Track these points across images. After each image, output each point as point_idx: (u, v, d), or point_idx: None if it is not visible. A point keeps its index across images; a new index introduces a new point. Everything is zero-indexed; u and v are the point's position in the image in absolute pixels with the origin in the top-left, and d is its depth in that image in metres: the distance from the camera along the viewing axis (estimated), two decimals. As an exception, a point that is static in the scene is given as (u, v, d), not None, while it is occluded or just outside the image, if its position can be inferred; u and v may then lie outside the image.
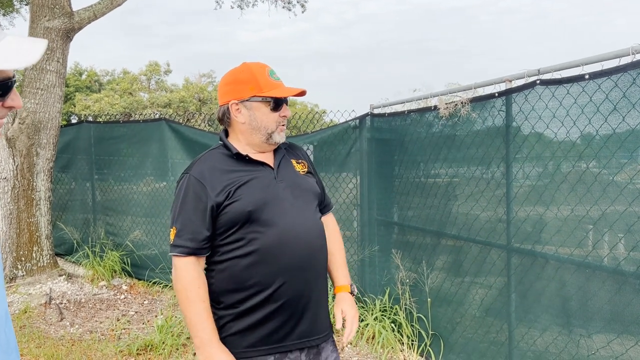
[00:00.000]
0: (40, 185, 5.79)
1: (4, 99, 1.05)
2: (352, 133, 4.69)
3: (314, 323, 1.81)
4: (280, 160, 1.87)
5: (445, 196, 3.66)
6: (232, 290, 1.76)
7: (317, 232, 1.83)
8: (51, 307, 5.09)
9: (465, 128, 3.44)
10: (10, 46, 1.02)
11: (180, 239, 1.75)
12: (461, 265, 3.52)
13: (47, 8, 5.65)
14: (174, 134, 5.75)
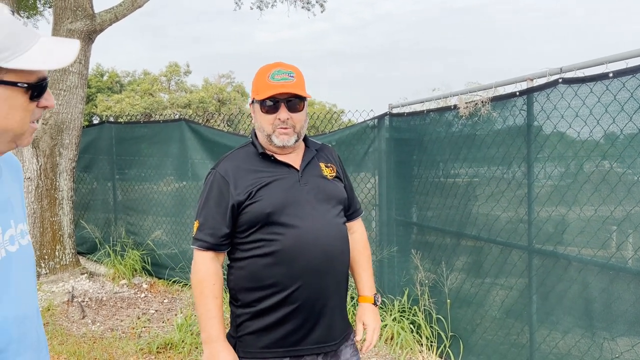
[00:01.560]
0: (63, 185, 5.89)
1: (39, 99, 1.07)
2: (370, 133, 4.68)
3: (330, 329, 1.79)
4: (308, 162, 1.86)
5: (465, 196, 3.63)
6: (249, 288, 1.77)
7: (338, 237, 1.81)
8: (73, 305, 5.17)
9: (486, 127, 3.41)
10: (45, 47, 1.05)
11: (201, 233, 1.79)
12: (481, 266, 3.49)
13: (69, 10, 5.75)
14: (193, 134, 5.80)
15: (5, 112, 1.03)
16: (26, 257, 1.19)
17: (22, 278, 1.15)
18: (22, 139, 1.09)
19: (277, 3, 10.89)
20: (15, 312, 1.10)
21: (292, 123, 1.78)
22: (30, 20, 14.03)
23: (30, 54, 1.03)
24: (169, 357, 4.01)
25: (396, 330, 3.97)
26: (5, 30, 0.99)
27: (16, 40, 1.01)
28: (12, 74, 1.02)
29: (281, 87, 1.74)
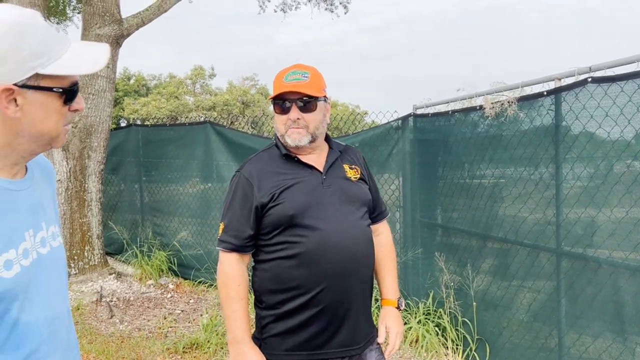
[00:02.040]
0: (92, 187, 6.01)
1: (71, 103, 1.10)
2: (394, 134, 4.65)
3: (354, 332, 1.78)
4: (332, 164, 1.86)
5: (492, 198, 3.58)
6: (273, 290, 1.78)
7: (362, 239, 1.80)
8: (102, 305, 5.26)
9: (512, 128, 3.36)
10: (76, 52, 1.08)
11: (226, 235, 1.81)
12: (508, 268, 3.43)
13: (98, 16, 5.86)
14: (218, 137, 5.86)
15: (42, 116, 1.07)
16: (57, 258, 1.22)
17: (53, 279, 1.18)
18: (57, 141, 1.13)
19: (300, 5, 10.94)
20: (46, 313, 1.13)
21: (304, 123, 1.77)
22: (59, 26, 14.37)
23: (64, 59, 1.06)
24: (195, 357, 4.05)
25: (421, 332, 3.93)
26: (40, 36, 1.03)
27: (51, 47, 1.04)
28: (47, 79, 1.05)
29: (292, 87, 1.75)
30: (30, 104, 1.04)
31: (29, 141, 1.08)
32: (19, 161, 1.11)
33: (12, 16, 1.01)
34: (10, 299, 1.04)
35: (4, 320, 1.04)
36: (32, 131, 1.06)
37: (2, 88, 0.99)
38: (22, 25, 1.01)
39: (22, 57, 1.00)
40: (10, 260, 1.04)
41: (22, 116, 1.04)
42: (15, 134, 1.05)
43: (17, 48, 0.99)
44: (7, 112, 1.02)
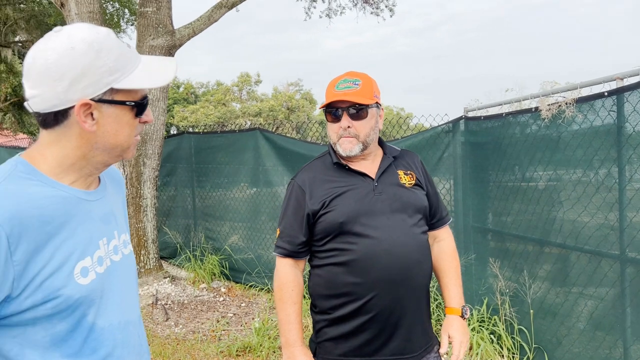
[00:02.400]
0: (147, 193, 6.21)
1: (141, 116, 1.15)
2: (444, 137, 4.58)
3: (408, 340, 1.77)
4: (384, 170, 1.85)
5: (549, 202, 3.47)
6: (326, 296, 1.81)
7: (414, 247, 1.77)
8: (157, 308, 5.42)
9: (571, 130, 3.25)
10: (147, 67, 1.13)
11: (281, 241, 1.87)
12: (567, 275, 3.32)
13: (152, 28, 6.07)
14: (267, 143, 5.94)
15: (116, 129, 1.11)
16: (128, 265, 1.27)
17: (125, 285, 1.23)
18: (128, 152, 1.17)
19: (345, 10, 10.97)
20: (119, 318, 1.18)
21: (354, 132, 1.77)
22: (114, 38, 14.92)
23: (136, 74, 1.11)
24: (248, 360, 4.11)
25: (475, 340, 3.85)
26: (115, 53, 1.08)
27: (124, 62, 1.09)
28: (121, 93, 1.10)
29: (343, 95, 1.75)
30: (105, 117, 1.09)
31: (102, 153, 1.12)
32: (92, 172, 1.16)
33: (90, 35, 1.06)
34: (87, 305, 1.09)
35: (81, 325, 1.09)
36: (106, 143, 1.11)
37: (80, 103, 1.04)
38: (99, 44, 1.06)
39: (100, 73, 1.05)
40: (86, 268, 1.09)
41: (97, 129, 1.08)
42: (90, 147, 1.10)
43: (95, 65, 1.04)
44: (84, 125, 1.06)
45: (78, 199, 1.12)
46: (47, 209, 1.04)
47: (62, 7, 5.91)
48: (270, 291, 5.69)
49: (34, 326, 1.02)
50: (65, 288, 1.04)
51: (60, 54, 1.02)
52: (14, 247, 0.97)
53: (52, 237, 1.03)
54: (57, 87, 1.03)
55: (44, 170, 1.08)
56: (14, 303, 0.99)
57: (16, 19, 13.43)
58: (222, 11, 6.48)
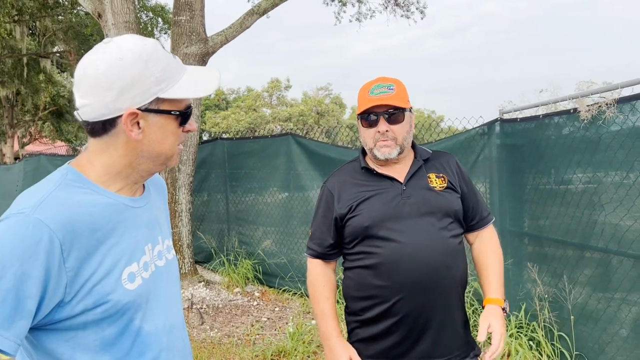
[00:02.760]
0: (182, 198, 6.31)
1: (185, 125, 1.17)
2: (479, 140, 4.52)
3: (436, 344, 1.76)
4: (413, 174, 1.85)
5: (590, 205, 3.38)
6: (356, 297, 1.85)
7: (442, 251, 1.75)
8: (193, 312, 5.49)
9: (612, 131, 3.16)
10: (191, 77, 1.15)
11: (311, 242, 1.96)
12: (610, 280, 3.23)
13: (185, 36, 6.18)
14: (299, 147, 5.98)
15: (160, 137, 1.14)
16: (172, 270, 1.30)
17: (169, 290, 1.25)
18: (172, 160, 1.20)
19: (375, 14, 10.97)
20: (164, 322, 1.20)
21: (392, 135, 1.79)
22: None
23: (181, 84, 1.13)
24: (283, 364, 4.13)
25: (514, 347, 3.77)
26: (162, 64, 1.10)
27: (170, 73, 1.12)
28: (166, 103, 1.12)
29: (379, 100, 1.77)
30: (150, 126, 1.11)
31: (147, 161, 1.15)
32: (138, 180, 1.19)
33: (139, 46, 1.09)
34: (134, 310, 1.11)
35: (129, 329, 1.11)
36: (151, 152, 1.14)
37: (128, 112, 1.07)
38: (148, 54, 1.08)
39: (147, 83, 1.08)
40: (133, 273, 1.12)
41: (143, 138, 1.11)
42: (136, 155, 1.13)
43: (143, 75, 1.07)
44: (131, 134, 1.09)
45: (125, 206, 1.14)
46: (96, 216, 1.07)
47: (99, 17, 6.08)
48: (304, 296, 5.71)
49: (85, 330, 1.05)
50: (113, 293, 1.06)
51: (110, 65, 1.05)
52: (67, 254, 1.00)
53: (101, 243, 1.06)
54: (107, 96, 1.05)
55: (92, 178, 1.12)
56: (67, 308, 1.02)
57: (54, 30, 13.89)
58: (254, 18, 6.56)
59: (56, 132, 23.18)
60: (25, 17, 13.05)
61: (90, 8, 6.17)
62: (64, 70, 18.52)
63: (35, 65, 15.76)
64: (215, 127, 26.99)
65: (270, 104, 31.27)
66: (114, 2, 5.86)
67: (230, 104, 32.57)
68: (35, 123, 22.83)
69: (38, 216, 0.99)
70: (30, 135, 25.30)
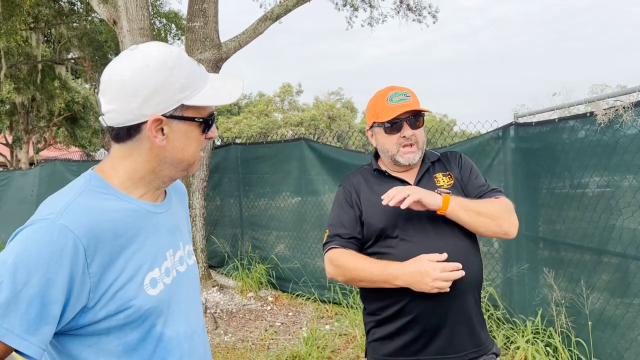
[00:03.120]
0: (196, 203, 6.35)
1: (207, 132, 1.18)
2: (494, 144, 4.50)
3: (450, 341, 1.78)
4: (422, 176, 1.90)
5: (607, 210, 3.35)
6: (372, 298, 1.87)
7: (452, 252, 1.74)
8: (207, 316, 5.51)
9: (629, 134, 3.13)
10: (214, 85, 1.16)
11: (336, 237, 1.89)
12: (629, 286, 3.19)
13: (199, 42, 6.23)
14: (312, 152, 5.99)
15: (183, 144, 1.14)
16: (193, 275, 1.30)
17: (190, 296, 1.25)
18: (193, 167, 1.20)
19: (387, 18, 10.97)
20: (186, 327, 1.20)
21: (415, 139, 1.85)
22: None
23: (205, 91, 1.14)
24: (297, 369, 4.12)
25: (530, 352, 3.74)
26: (186, 71, 1.11)
27: (194, 80, 1.12)
28: (190, 110, 1.13)
29: (402, 107, 1.82)
30: (174, 132, 1.12)
31: (170, 167, 1.16)
32: (160, 186, 1.20)
33: (164, 53, 1.10)
34: (156, 315, 1.12)
35: (151, 334, 1.12)
36: (174, 158, 1.14)
37: (153, 118, 1.08)
38: (172, 61, 1.09)
39: (172, 90, 1.09)
40: (155, 279, 1.12)
41: (166, 144, 1.12)
42: (159, 161, 1.13)
43: (168, 82, 1.08)
44: (155, 140, 1.10)
45: (147, 212, 1.15)
46: (120, 222, 1.08)
47: (114, 24, 6.15)
48: (317, 301, 5.70)
49: (108, 335, 1.06)
50: (136, 299, 1.07)
51: (135, 71, 1.07)
52: (90, 260, 1.01)
53: (124, 249, 1.07)
54: (132, 102, 1.07)
55: (116, 184, 1.12)
56: (90, 313, 1.03)
57: (69, 37, 14.06)
58: (267, 23, 6.60)
59: (70, 137, 23.44)
60: (40, 25, 13.23)
61: (105, 15, 6.24)
62: (79, 77, 18.74)
63: (51, 72, 15.98)
64: (227, 132, 27.13)
65: (282, 108, 31.36)
66: (129, 9, 5.92)
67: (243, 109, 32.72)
68: (50, 129, 23.11)
69: (63, 222, 1.00)
70: (45, 141, 25.61)
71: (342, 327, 4.88)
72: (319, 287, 5.78)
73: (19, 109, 20.13)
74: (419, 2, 10.19)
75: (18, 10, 10.49)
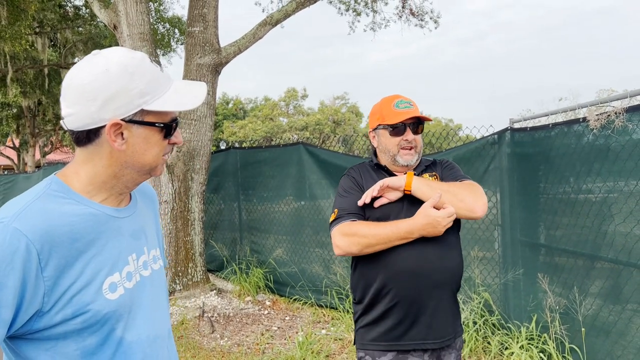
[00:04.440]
0: (195, 207, 6.37)
1: (170, 137, 1.20)
2: (490, 149, 4.49)
3: (429, 328, 1.94)
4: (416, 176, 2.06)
5: (600, 215, 3.33)
6: (359, 287, 2.05)
7: (435, 244, 1.92)
8: (204, 320, 5.51)
9: (621, 140, 3.12)
10: (177, 91, 1.18)
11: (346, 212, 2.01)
12: (621, 292, 3.17)
13: (199, 46, 6.27)
14: (310, 157, 5.99)
15: (144, 148, 1.16)
16: (158, 280, 1.31)
17: (155, 301, 1.26)
18: (156, 171, 1.22)
19: (390, 23, 10.98)
20: (148, 332, 1.21)
21: (415, 144, 2.05)
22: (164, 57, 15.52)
23: (166, 97, 1.15)
24: (290, 374, 4.11)
25: (524, 358, 3.72)
26: (148, 77, 1.13)
27: (156, 86, 1.14)
28: (151, 115, 1.14)
29: (407, 113, 2.02)
30: (134, 137, 1.13)
31: (132, 172, 1.17)
32: (123, 191, 1.21)
33: (126, 58, 1.11)
34: (115, 320, 1.12)
35: (110, 339, 1.12)
36: (135, 162, 1.16)
37: (111, 122, 1.09)
38: (134, 67, 1.11)
39: (132, 95, 1.10)
40: (114, 283, 1.13)
41: (126, 148, 1.13)
42: (120, 165, 1.15)
43: (128, 87, 1.10)
44: (114, 145, 1.12)
45: (108, 217, 1.16)
46: (77, 226, 1.08)
47: (115, 29, 6.20)
48: (314, 305, 5.70)
49: (65, 340, 1.07)
50: (94, 303, 1.08)
51: (95, 76, 1.08)
52: (44, 263, 1.01)
53: (81, 253, 1.08)
54: (91, 106, 1.08)
55: (77, 188, 1.14)
56: (45, 317, 1.03)
57: (75, 41, 14.18)
58: (267, 28, 6.62)
59: (76, 141, 23.55)
60: (46, 29, 13.35)
61: (106, 20, 6.29)
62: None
63: (56, 76, 16.10)
64: (232, 136, 27.21)
65: (287, 113, 31.41)
66: (129, 14, 5.97)
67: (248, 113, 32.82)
68: (56, 132, 23.26)
69: (16, 225, 1.00)
70: (51, 144, 25.79)
71: (337, 331, 4.88)
72: (316, 291, 5.77)
73: (25, 113, 20.29)
74: (421, 7, 10.21)
75: (23, 15, 10.59)
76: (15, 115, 20.74)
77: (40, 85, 16.03)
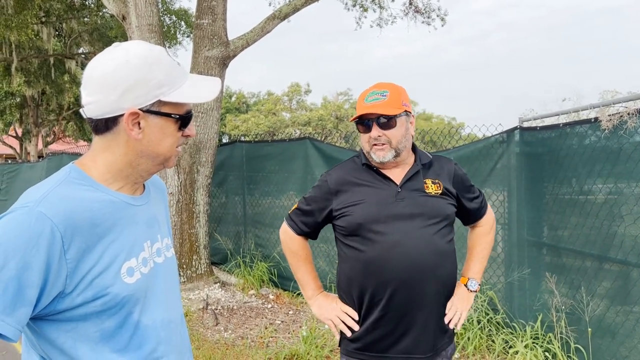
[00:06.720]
0: (200, 200, 6.37)
1: (184, 129, 1.24)
2: (498, 148, 4.48)
3: (418, 341, 1.83)
4: (410, 177, 1.91)
5: (609, 216, 3.33)
6: (345, 290, 1.93)
7: (429, 253, 1.81)
8: (207, 312, 5.53)
9: (633, 141, 3.12)
10: (193, 84, 1.24)
11: (297, 218, 2.05)
12: (629, 293, 3.17)
13: (207, 39, 6.25)
14: (316, 151, 5.99)
15: (159, 138, 1.20)
16: (170, 267, 1.36)
17: (168, 286, 1.31)
18: (169, 161, 1.26)
19: (396, 20, 10.95)
20: (162, 316, 1.26)
21: (386, 139, 1.85)
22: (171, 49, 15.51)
23: (183, 89, 1.19)
24: (295, 368, 4.13)
25: (529, 357, 3.73)
26: (165, 69, 1.17)
27: (173, 78, 1.18)
28: (167, 106, 1.19)
29: (370, 107, 1.84)
30: (150, 127, 1.17)
31: (147, 161, 1.21)
32: (138, 180, 1.25)
33: (145, 51, 1.16)
34: (132, 303, 1.17)
35: (128, 322, 1.17)
36: (150, 152, 1.20)
37: (129, 112, 1.14)
38: (153, 59, 1.16)
39: (150, 86, 1.14)
40: (132, 268, 1.17)
41: (142, 138, 1.17)
42: (136, 154, 1.19)
43: (146, 78, 1.14)
44: (131, 133, 1.16)
45: (125, 204, 1.20)
46: (97, 212, 1.13)
47: (123, 20, 6.19)
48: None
49: (85, 322, 1.11)
50: (113, 286, 1.12)
51: (116, 66, 1.12)
52: (67, 246, 1.06)
53: (101, 238, 1.12)
54: (111, 95, 1.12)
55: (94, 176, 1.18)
56: (67, 299, 1.08)
57: (80, 31, 14.15)
58: (275, 22, 6.61)
59: (79, 131, 23.59)
60: (52, 19, 13.32)
61: (115, 10, 6.28)
62: (88, 72, 18.81)
63: (61, 66, 16.09)
64: (235, 129, 27.19)
65: (290, 108, 31.38)
66: (138, 5, 5.95)
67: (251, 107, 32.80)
68: (59, 122, 23.26)
69: (41, 209, 1.04)
70: (54, 134, 25.79)
71: (341, 327, 4.88)
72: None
73: (29, 102, 20.28)
74: (427, 5, 10.18)
75: (30, 4, 10.57)
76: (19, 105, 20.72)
77: (45, 75, 16.02)
